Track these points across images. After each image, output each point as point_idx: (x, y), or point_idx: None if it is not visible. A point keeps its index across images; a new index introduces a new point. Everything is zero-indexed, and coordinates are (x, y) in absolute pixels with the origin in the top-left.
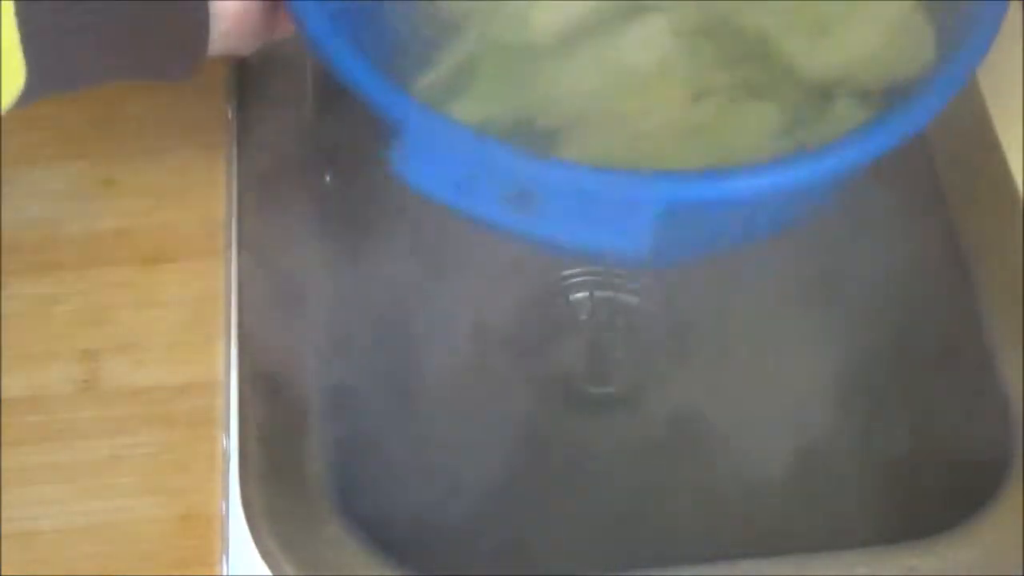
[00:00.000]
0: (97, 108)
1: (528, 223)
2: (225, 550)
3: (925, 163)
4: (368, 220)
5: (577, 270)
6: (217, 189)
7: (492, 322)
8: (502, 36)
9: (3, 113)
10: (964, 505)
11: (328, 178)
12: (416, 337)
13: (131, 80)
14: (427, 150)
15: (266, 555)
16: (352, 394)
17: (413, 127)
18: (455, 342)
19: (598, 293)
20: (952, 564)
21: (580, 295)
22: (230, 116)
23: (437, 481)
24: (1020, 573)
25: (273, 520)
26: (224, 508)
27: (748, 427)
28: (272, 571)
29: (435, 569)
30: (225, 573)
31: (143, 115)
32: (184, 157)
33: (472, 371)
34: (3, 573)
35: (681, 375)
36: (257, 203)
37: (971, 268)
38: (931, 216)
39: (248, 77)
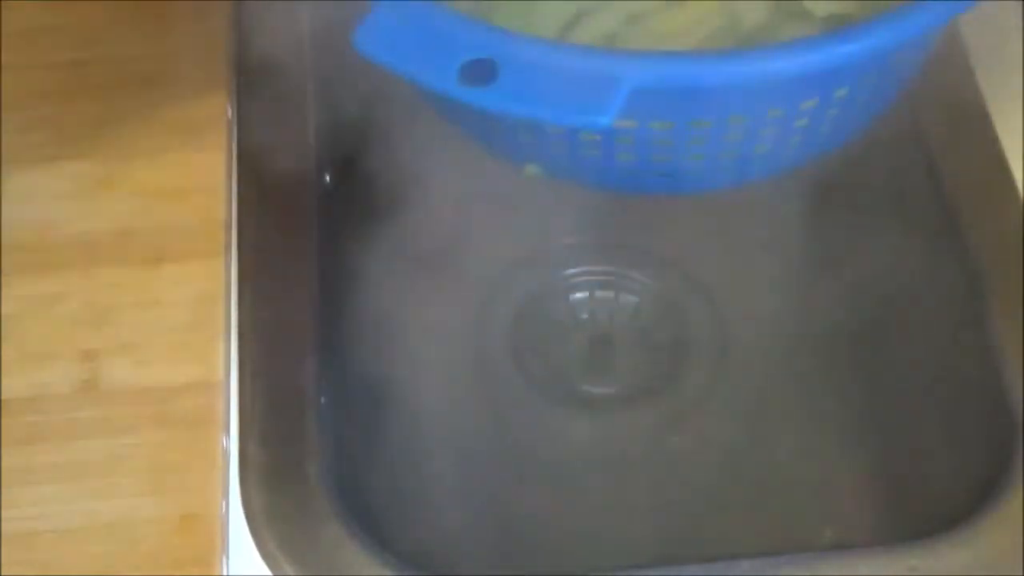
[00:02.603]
0: (97, 108)
1: (487, 96)
2: (225, 550)
3: (925, 163)
4: (368, 219)
5: (578, 270)
6: (217, 189)
7: (492, 322)
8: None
9: None
10: (964, 505)
11: (328, 178)
12: (416, 336)
13: None
14: (390, 22)
15: (266, 555)
16: (352, 394)
17: None
18: (455, 341)
19: (598, 293)
20: (952, 564)
21: (580, 295)
22: (230, 116)
23: (437, 481)
24: (1020, 573)
25: (273, 520)
26: (224, 508)
27: (749, 426)
28: (272, 571)
29: (435, 569)
30: (225, 573)
31: (143, 115)
32: (184, 157)
33: (472, 371)
34: (3, 573)
35: (681, 375)
36: (257, 203)
37: (971, 269)
38: (931, 217)
39: (248, 77)
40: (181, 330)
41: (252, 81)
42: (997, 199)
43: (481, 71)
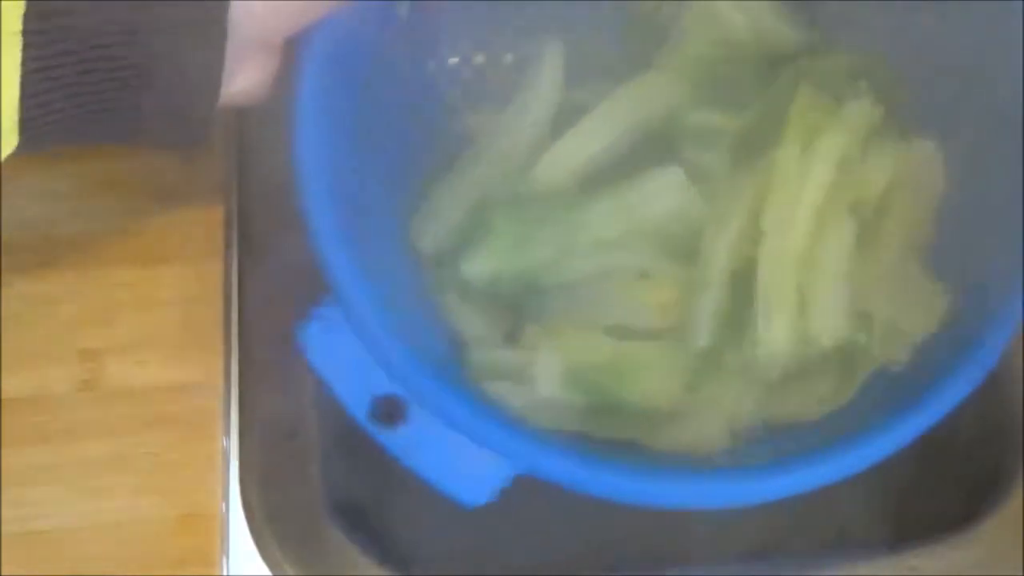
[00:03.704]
0: None
1: (389, 440)
2: (225, 550)
3: None
4: None
5: None
6: (217, 189)
7: None
8: (507, 188)
9: None
10: (964, 505)
11: None
12: None
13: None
14: (331, 325)
15: (266, 555)
16: None
17: (335, 302)
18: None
19: None
20: (952, 564)
21: None
22: (231, 116)
23: None
24: (1020, 573)
25: (273, 520)
26: (224, 508)
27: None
28: (272, 571)
29: (434, 569)
30: (225, 573)
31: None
32: (184, 157)
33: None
34: (3, 573)
35: None
36: (257, 203)
37: None
38: None
39: None
40: (181, 330)
41: None
42: None
43: (393, 407)
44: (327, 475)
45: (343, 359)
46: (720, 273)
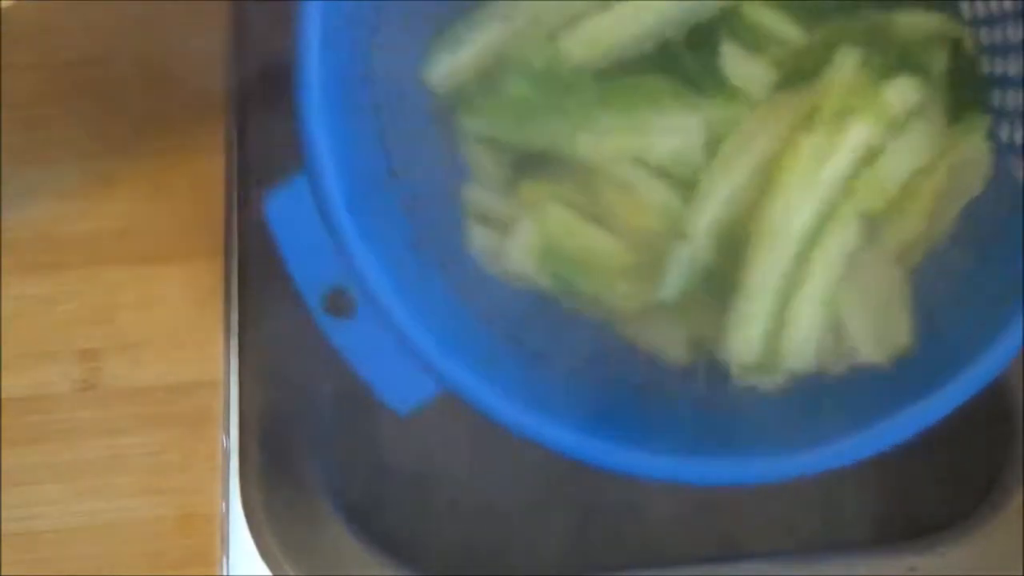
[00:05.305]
0: (97, 108)
1: (338, 333)
2: (225, 550)
3: None
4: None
5: None
6: (217, 189)
7: None
8: (529, 51)
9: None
10: (964, 505)
11: None
12: None
13: None
14: (300, 199)
15: (266, 555)
16: (352, 394)
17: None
18: None
19: None
20: (952, 564)
21: None
22: (230, 116)
23: (436, 481)
24: (1020, 573)
25: (273, 520)
26: (224, 508)
27: None
28: (272, 571)
29: (435, 569)
30: (225, 573)
31: (143, 115)
32: (184, 157)
33: None
34: (3, 573)
35: None
36: (257, 202)
37: None
38: None
39: (248, 77)
40: (181, 330)
41: (252, 80)
42: None
43: (345, 301)
44: (327, 475)
45: (306, 239)
46: (707, 228)
